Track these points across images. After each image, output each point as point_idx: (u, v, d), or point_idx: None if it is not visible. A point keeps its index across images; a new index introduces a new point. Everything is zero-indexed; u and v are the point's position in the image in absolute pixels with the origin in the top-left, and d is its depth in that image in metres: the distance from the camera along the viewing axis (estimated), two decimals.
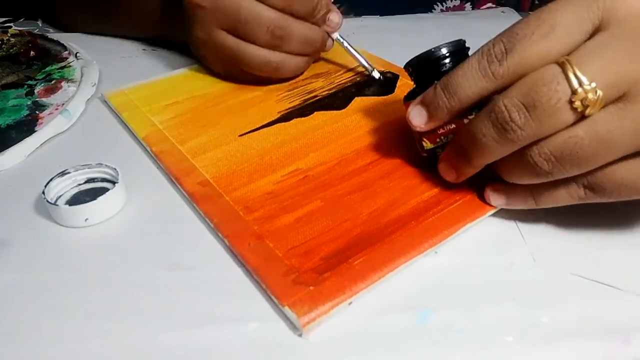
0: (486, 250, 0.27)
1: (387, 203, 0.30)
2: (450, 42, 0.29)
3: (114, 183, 0.31)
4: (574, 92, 0.22)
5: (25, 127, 0.38)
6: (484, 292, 0.25)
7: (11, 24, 0.59)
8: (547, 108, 0.23)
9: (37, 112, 0.40)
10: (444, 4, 0.62)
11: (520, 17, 0.56)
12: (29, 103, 0.41)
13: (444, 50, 0.29)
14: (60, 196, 0.31)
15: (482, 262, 0.27)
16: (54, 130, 0.38)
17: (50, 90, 0.43)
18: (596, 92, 0.22)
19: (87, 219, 0.29)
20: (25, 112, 0.40)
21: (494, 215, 0.29)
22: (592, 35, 0.24)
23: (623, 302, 0.24)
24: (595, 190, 0.25)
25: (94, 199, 0.29)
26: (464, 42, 0.30)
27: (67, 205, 0.30)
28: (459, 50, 0.29)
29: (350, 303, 0.24)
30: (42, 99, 0.42)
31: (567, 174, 0.24)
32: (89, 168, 0.32)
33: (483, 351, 0.22)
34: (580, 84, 0.22)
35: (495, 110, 0.24)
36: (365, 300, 0.25)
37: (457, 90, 0.26)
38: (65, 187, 0.32)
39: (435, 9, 0.62)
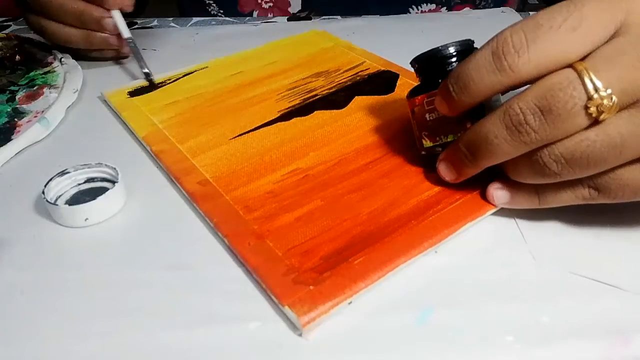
0: (486, 250, 0.27)
1: (387, 202, 0.29)
2: (459, 41, 0.29)
3: (113, 183, 0.31)
4: (589, 98, 0.22)
5: (2, 135, 0.37)
6: (484, 291, 0.25)
7: (10, 23, 0.59)
8: (563, 112, 0.23)
9: (16, 119, 0.39)
10: (419, 7, 0.62)
11: (521, 18, 0.57)
12: (9, 110, 0.40)
13: (452, 49, 0.29)
14: (60, 196, 0.31)
15: (482, 262, 0.27)
16: (30, 139, 0.37)
17: (32, 97, 0.42)
18: (612, 98, 0.22)
19: (87, 219, 0.29)
20: (4, 120, 0.39)
21: (494, 214, 0.29)
22: (611, 37, 0.23)
23: (623, 302, 0.24)
24: (600, 191, 0.25)
25: (94, 198, 0.29)
26: (473, 42, 0.30)
27: (67, 205, 0.30)
28: (467, 50, 0.29)
29: (350, 302, 0.24)
30: (23, 105, 0.41)
31: (575, 176, 0.24)
32: (88, 168, 0.32)
33: (483, 351, 0.22)
34: (596, 89, 0.22)
35: (510, 112, 0.24)
36: (365, 299, 0.25)
37: (467, 84, 0.25)
38: (65, 186, 0.32)
39: (410, 12, 0.62)
